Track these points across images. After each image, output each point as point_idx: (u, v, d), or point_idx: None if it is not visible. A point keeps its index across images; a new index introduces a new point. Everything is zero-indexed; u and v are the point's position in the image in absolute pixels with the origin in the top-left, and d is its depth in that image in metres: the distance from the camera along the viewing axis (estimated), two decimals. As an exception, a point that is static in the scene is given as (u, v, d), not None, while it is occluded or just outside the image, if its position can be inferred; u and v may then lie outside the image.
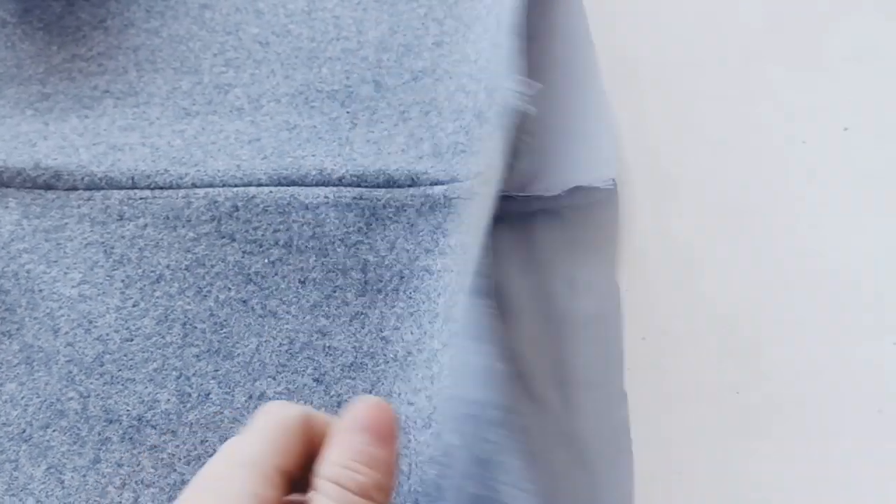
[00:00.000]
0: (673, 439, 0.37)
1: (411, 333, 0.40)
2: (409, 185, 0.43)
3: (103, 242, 0.42)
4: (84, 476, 0.37)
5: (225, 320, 0.40)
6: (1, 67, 0.50)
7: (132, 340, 0.40)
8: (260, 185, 0.43)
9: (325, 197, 0.42)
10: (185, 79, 0.49)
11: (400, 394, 0.39)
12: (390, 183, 0.43)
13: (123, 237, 0.42)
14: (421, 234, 0.42)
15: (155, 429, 0.38)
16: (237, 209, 0.43)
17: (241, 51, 0.51)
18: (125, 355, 0.39)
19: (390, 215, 0.42)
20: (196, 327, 0.40)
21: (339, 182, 0.43)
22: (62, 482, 0.37)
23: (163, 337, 0.40)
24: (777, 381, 0.38)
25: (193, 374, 0.39)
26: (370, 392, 0.39)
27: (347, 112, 0.47)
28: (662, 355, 0.39)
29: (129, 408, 0.38)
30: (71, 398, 0.39)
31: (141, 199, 0.43)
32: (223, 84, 0.49)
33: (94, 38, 0.52)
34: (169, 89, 0.49)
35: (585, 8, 0.53)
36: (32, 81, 0.50)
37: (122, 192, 0.44)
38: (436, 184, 0.43)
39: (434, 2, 0.53)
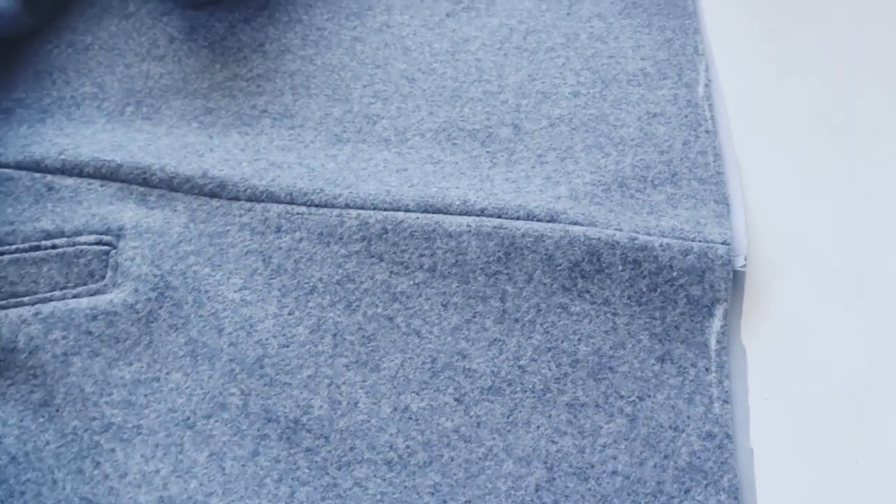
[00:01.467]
0: (792, 497, 0.38)
1: (549, 370, 0.41)
2: (548, 221, 0.45)
3: (262, 252, 0.45)
4: (244, 466, 0.39)
5: (372, 335, 0.42)
6: (169, 80, 0.54)
7: (288, 346, 0.42)
8: (408, 210, 0.46)
9: (468, 226, 0.44)
10: (336, 106, 0.52)
11: (538, 426, 0.40)
12: (530, 217, 0.45)
13: (280, 248, 0.45)
14: (559, 268, 0.43)
15: (310, 433, 0.40)
16: (386, 231, 0.45)
17: (389, 84, 0.53)
18: (282, 360, 0.42)
19: (529, 245, 0.44)
20: (345, 339, 0.42)
21: (481, 213, 0.45)
22: (223, 469, 0.39)
23: (315, 346, 0.42)
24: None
25: (343, 384, 0.41)
26: (508, 417, 0.41)
27: (487, 151, 0.50)
28: (783, 417, 0.40)
29: (286, 410, 0.41)
30: (232, 394, 0.41)
31: (297, 214, 0.46)
32: (372, 115, 0.52)
33: (253, 60, 0.55)
34: (322, 115, 0.52)
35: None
36: (197, 96, 0.53)
37: (281, 206, 0.46)
38: (574, 223, 0.45)
39: (571, 54, 0.55)
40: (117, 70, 0.54)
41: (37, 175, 0.48)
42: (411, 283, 0.44)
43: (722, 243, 0.43)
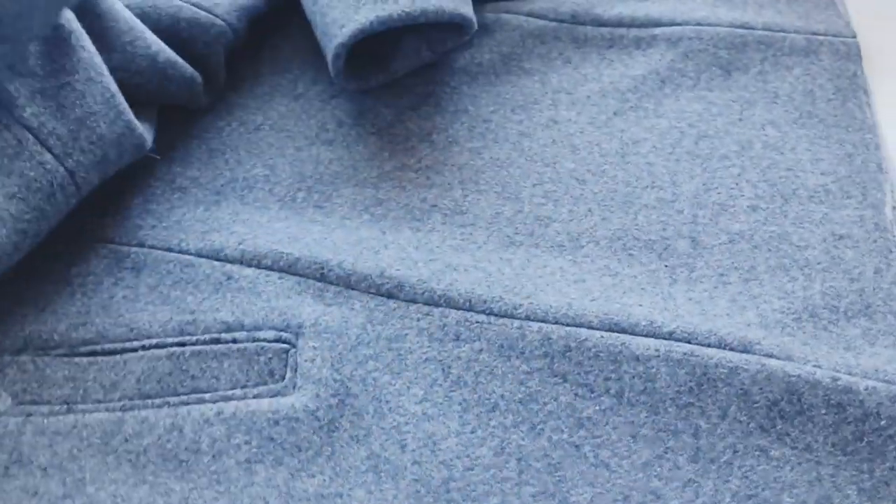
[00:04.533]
0: None
1: None
2: (742, 352, 0.42)
3: (441, 360, 0.43)
4: None
5: (559, 463, 0.40)
6: (338, 166, 0.53)
7: (473, 470, 0.40)
8: (591, 327, 0.43)
9: (656, 350, 0.42)
10: (507, 205, 0.50)
11: None
12: (721, 345, 0.42)
13: (460, 358, 0.43)
14: (755, 406, 0.40)
15: None
16: (569, 349, 0.43)
17: (559, 184, 0.51)
18: (468, 485, 0.39)
19: (722, 377, 0.41)
20: (531, 465, 0.40)
21: (669, 336, 0.42)
22: None
23: (500, 471, 0.40)
24: None
25: (531, 515, 0.39)
26: (709, 570, 0.38)
27: (665, 266, 0.47)
28: None
29: None
30: None
31: (477, 322, 0.44)
32: (543, 216, 0.50)
33: (421, 150, 0.54)
34: (492, 213, 0.50)
35: None
36: (367, 185, 0.52)
37: (459, 312, 0.44)
38: (769, 356, 0.42)
39: (747, 163, 0.52)
40: (287, 153, 0.53)
41: (216, 263, 0.47)
42: (597, 408, 0.41)
43: (932, 392, 0.40)
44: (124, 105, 0.47)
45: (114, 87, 0.47)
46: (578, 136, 0.54)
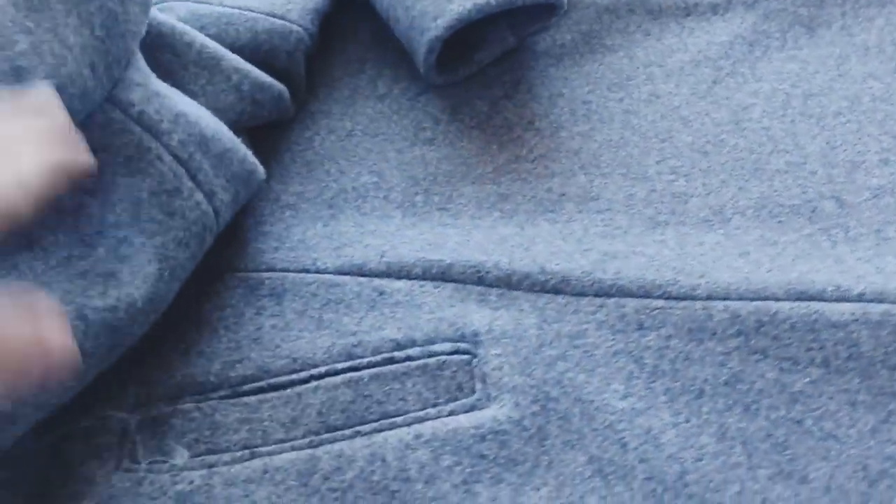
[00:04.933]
0: None
1: None
2: None
3: (630, 352, 0.41)
4: None
5: (784, 441, 0.38)
6: (449, 165, 0.50)
7: (702, 460, 0.38)
8: (778, 299, 0.42)
9: (852, 314, 0.41)
10: (636, 185, 0.49)
11: None
12: None
13: (649, 347, 0.41)
14: None
15: None
16: (762, 324, 0.41)
17: (683, 159, 0.50)
18: (703, 476, 0.37)
19: None
20: (758, 447, 0.38)
21: (860, 298, 0.41)
22: None
23: (728, 457, 0.38)
24: None
25: (777, 499, 0.37)
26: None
27: (819, 229, 0.46)
28: None
29: None
30: None
31: (658, 309, 0.42)
32: (678, 193, 0.48)
33: (528, 139, 0.51)
34: (625, 196, 0.48)
35: None
36: (485, 181, 0.49)
37: (635, 300, 0.42)
38: (965, 308, 0.41)
39: (862, 118, 0.52)
40: (390, 157, 0.50)
41: (362, 279, 0.43)
42: (807, 380, 0.40)
43: None
44: (240, 143, 0.43)
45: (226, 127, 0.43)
46: (686, 108, 0.52)
